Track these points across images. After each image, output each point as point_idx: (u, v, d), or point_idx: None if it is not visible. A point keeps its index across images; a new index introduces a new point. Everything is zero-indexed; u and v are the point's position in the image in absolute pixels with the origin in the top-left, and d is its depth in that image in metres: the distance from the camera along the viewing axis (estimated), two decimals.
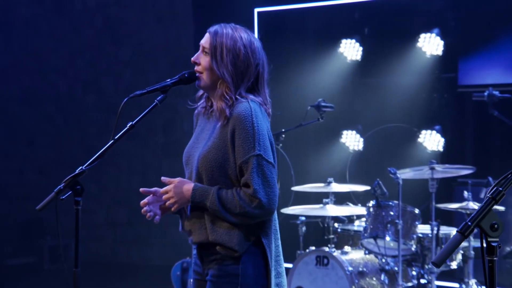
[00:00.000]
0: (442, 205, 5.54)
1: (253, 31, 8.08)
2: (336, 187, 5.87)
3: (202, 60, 2.87)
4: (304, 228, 5.95)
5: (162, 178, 2.87)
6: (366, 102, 7.39)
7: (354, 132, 7.44)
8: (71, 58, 9.40)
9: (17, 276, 8.18)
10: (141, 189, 2.92)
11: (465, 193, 5.39)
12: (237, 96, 2.81)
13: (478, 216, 1.63)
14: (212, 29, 2.87)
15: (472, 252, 5.42)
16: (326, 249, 5.59)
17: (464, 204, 5.38)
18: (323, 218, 5.91)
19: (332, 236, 5.83)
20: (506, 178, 1.67)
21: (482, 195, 5.41)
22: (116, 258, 9.13)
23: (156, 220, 2.90)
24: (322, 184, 5.92)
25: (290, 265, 5.76)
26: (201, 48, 2.88)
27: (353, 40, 7.42)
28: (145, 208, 2.89)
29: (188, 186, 2.80)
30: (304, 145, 7.73)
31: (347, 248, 5.68)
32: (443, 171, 5.47)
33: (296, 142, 7.57)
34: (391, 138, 7.02)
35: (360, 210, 5.83)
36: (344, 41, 7.45)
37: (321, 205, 5.75)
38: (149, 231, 8.69)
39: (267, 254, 2.77)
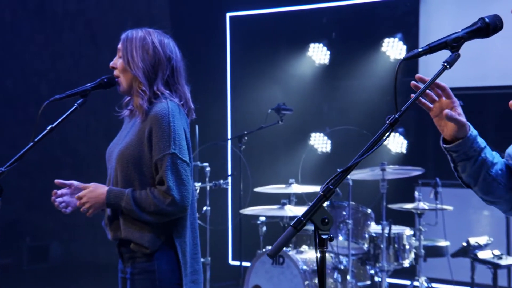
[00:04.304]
0: (396, 205, 5.68)
1: (225, 35, 8.26)
2: (297, 188, 6.00)
3: (118, 63, 3.03)
4: (264, 228, 6.07)
5: (76, 183, 2.99)
6: (334, 105, 7.54)
7: (321, 134, 7.59)
8: (52, 61, 9.56)
9: None
10: (56, 181, 3.01)
11: (416, 194, 5.52)
12: (156, 92, 2.94)
13: (310, 211, 1.77)
14: (124, 33, 3.04)
15: (423, 251, 5.54)
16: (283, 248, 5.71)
17: (415, 204, 5.52)
18: (282, 218, 6.04)
19: None
20: (337, 176, 1.83)
21: (431, 196, 5.54)
22: (96, 258, 9.27)
23: (66, 211, 2.98)
24: (283, 185, 6.06)
25: (249, 264, 5.91)
26: (117, 53, 3.04)
27: (321, 44, 7.56)
28: (55, 199, 2.98)
29: (102, 189, 2.90)
30: (274, 147, 7.86)
31: (304, 248, 5.81)
32: (393, 172, 5.61)
33: (267, 144, 7.72)
34: (355, 139, 7.14)
35: None
36: (312, 45, 7.60)
37: (280, 206, 5.89)
38: None
39: (178, 251, 2.88)
